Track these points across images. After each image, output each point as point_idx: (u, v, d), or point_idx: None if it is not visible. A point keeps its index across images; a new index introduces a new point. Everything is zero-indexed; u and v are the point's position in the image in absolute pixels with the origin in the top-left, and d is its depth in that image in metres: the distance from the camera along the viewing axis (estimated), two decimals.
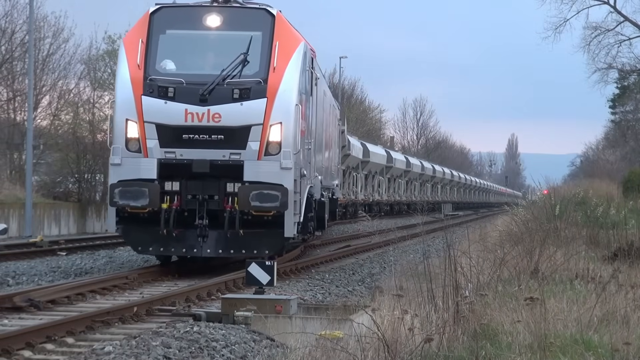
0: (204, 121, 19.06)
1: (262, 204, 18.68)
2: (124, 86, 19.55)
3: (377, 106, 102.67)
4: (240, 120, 19.09)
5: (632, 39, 56.19)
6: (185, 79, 19.28)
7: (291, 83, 19.46)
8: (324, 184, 25.71)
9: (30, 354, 10.83)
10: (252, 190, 18.71)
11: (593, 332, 9.84)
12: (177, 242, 19.31)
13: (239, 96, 19.15)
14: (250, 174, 19.03)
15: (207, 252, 19.28)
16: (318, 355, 9.44)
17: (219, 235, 19.18)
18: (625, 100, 75.01)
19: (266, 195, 18.67)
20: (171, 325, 12.47)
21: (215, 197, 19.16)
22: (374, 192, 62.90)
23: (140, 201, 18.81)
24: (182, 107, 19.10)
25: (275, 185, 18.88)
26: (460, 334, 9.62)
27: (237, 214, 18.87)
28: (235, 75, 19.28)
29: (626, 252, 17.81)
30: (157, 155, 19.19)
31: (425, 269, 11.94)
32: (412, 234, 27.78)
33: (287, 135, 19.23)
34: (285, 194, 18.77)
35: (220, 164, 19.10)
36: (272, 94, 19.23)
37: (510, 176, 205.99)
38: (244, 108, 19.10)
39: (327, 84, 33.60)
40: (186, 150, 19.16)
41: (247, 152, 19.11)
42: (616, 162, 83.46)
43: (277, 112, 19.16)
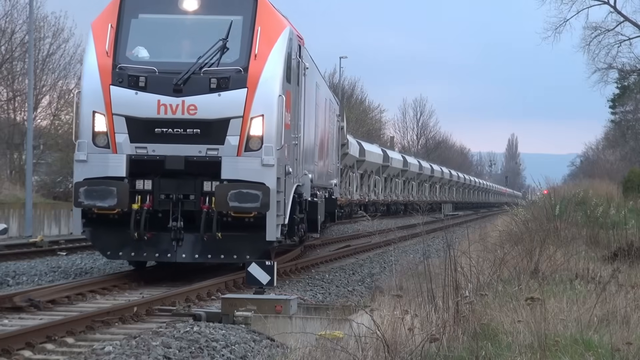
0: (178, 113, 17.50)
1: (242, 204, 17.11)
2: (90, 75, 17.95)
3: (377, 106, 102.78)
4: (217, 112, 17.51)
5: (632, 39, 56.21)
6: (158, 68, 17.71)
7: (274, 71, 17.85)
8: (317, 182, 24.48)
9: (30, 354, 10.83)
10: (231, 190, 17.16)
11: (593, 332, 9.84)
12: (150, 246, 17.72)
13: (217, 86, 17.58)
14: (229, 172, 17.44)
15: (182, 257, 17.71)
16: (318, 355, 9.44)
17: (196, 239, 17.60)
18: (625, 100, 75.02)
19: (246, 194, 17.11)
20: (171, 325, 12.47)
21: (191, 196, 17.63)
22: (370, 192, 61.57)
23: (108, 201, 17.28)
24: (155, 98, 17.52)
25: (256, 183, 17.28)
26: (460, 334, 9.62)
27: (215, 215, 17.34)
28: (213, 63, 17.75)
29: (626, 252, 17.83)
30: (126, 150, 17.65)
31: (425, 269, 11.95)
32: (412, 234, 27.80)
33: (270, 128, 17.61)
34: (267, 194, 17.20)
35: (196, 161, 17.56)
36: (253, 84, 17.62)
37: (510, 176, 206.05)
38: (222, 99, 17.53)
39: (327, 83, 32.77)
40: (159, 146, 17.60)
41: (226, 147, 17.54)
42: (616, 162, 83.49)
43: (258, 103, 17.56)
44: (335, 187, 30.77)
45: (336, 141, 33.53)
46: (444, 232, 17.97)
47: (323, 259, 24.75)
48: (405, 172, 72.63)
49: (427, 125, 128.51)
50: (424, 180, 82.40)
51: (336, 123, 33.19)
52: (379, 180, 64.18)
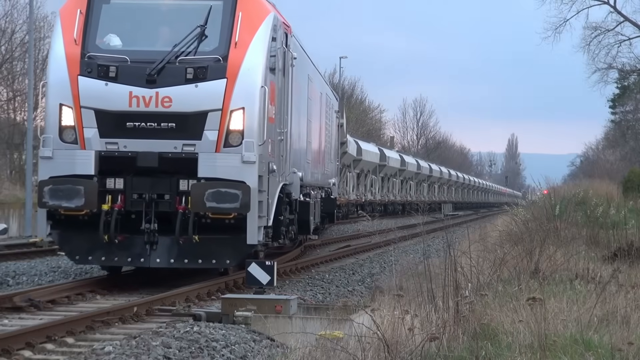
0: (151, 106, 16.22)
1: (220, 204, 15.84)
2: (57, 65, 16.72)
3: (377, 106, 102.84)
4: (194, 104, 16.23)
5: (632, 39, 56.24)
6: (130, 57, 16.44)
7: (256, 61, 16.52)
8: (310, 181, 23.30)
9: (30, 354, 10.83)
10: (208, 189, 15.88)
11: (593, 332, 9.84)
12: (122, 250, 16.47)
13: (194, 76, 16.28)
14: (206, 169, 16.15)
15: (156, 262, 16.43)
16: (318, 355, 9.44)
17: (171, 242, 16.38)
18: (625, 100, 75.07)
19: (224, 194, 15.84)
20: (171, 325, 12.47)
21: (165, 196, 16.38)
22: (366, 192, 60.26)
23: (75, 201, 16.02)
24: (126, 89, 16.26)
25: (236, 182, 16.01)
26: (460, 334, 9.62)
27: (191, 216, 16.10)
28: (190, 51, 16.47)
29: (626, 252, 17.83)
30: (96, 146, 16.36)
31: (425, 268, 11.96)
32: (412, 234, 27.81)
33: (251, 122, 16.31)
34: (248, 193, 15.93)
35: (172, 157, 16.29)
36: (233, 74, 16.32)
37: (510, 176, 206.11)
38: (199, 90, 16.26)
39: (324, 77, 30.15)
40: (131, 141, 16.35)
41: (203, 143, 16.26)
42: (616, 162, 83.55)
43: (239, 95, 16.27)
44: (333, 186, 29.86)
45: (335, 139, 32.33)
46: (444, 232, 17.99)
47: (323, 259, 24.75)
48: (403, 171, 71.30)
49: (427, 125, 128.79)
50: (422, 180, 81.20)
51: (335, 120, 31.98)
52: (375, 179, 62.84)
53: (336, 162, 33.08)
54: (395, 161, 68.29)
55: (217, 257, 16.51)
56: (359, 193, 57.82)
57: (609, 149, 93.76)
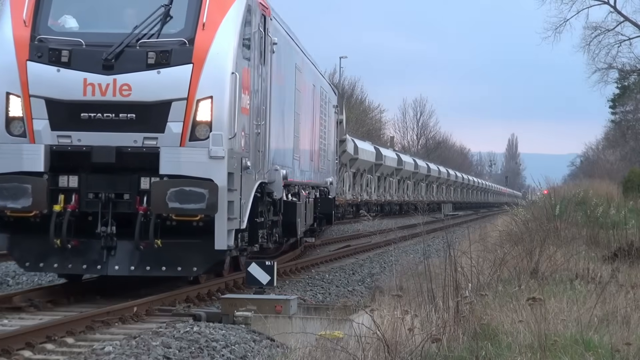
0: (108, 95, 14.61)
1: (183, 205, 14.21)
2: (3, 49, 14.92)
3: (377, 106, 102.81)
4: (156, 93, 14.64)
5: (632, 39, 56.32)
6: (85, 40, 14.80)
7: (226, 44, 14.85)
8: (299, 180, 21.87)
9: (30, 354, 10.83)
10: (170, 188, 14.26)
11: (593, 332, 9.85)
12: (76, 256, 14.77)
13: (156, 61, 14.67)
14: (169, 165, 14.50)
15: (114, 269, 14.73)
16: (318, 355, 9.44)
17: (132, 248, 14.71)
18: (626, 100, 75.12)
19: (188, 193, 14.22)
20: (171, 325, 12.46)
21: (125, 196, 14.78)
22: (362, 192, 58.77)
23: (21, 202, 14.38)
24: (80, 76, 14.63)
25: (202, 180, 14.41)
26: (460, 334, 9.63)
27: (153, 218, 14.46)
28: (153, 34, 14.87)
29: (626, 252, 17.84)
30: (46, 140, 14.69)
31: (425, 269, 11.96)
32: (412, 234, 27.81)
33: (220, 113, 14.65)
34: (215, 192, 14.29)
35: (131, 152, 14.66)
36: (200, 59, 14.69)
37: (510, 176, 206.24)
38: (162, 77, 14.64)
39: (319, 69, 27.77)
40: (85, 134, 14.69)
41: (167, 136, 14.64)
42: (616, 162, 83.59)
43: (206, 82, 14.64)
44: (331, 185, 28.45)
45: (333, 135, 30.67)
46: (444, 232, 17.98)
47: (323, 259, 24.75)
48: (400, 170, 69.69)
49: (427, 125, 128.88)
50: (421, 180, 79.94)
51: (333, 115, 30.31)
52: (371, 179, 61.35)
53: (335, 160, 31.46)
54: (392, 160, 66.92)
55: (183, 264, 14.82)
56: (355, 193, 56.55)
57: (609, 149, 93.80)
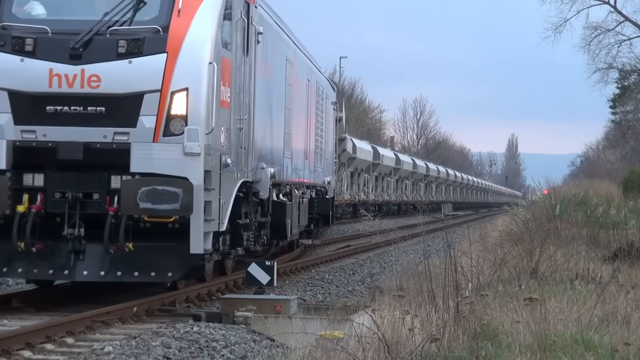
0: (76, 86, 13.58)
1: (155, 205, 13.16)
2: None
3: (377, 106, 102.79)
4: (128, 84, 13.60)
5: (632, 39, 56.35)
6: (52, 27, 13.78)
7: (204, 32, 13.82)
8: (291, 179, 20.68)
9: (30, 354, 10.82)
10: (142, 187, 13.21)
11: (593, 332, 9.85)
12: (43, 260, 13.64)
13: (127, 50, 13.63)
14: (140, 163, 13.45)
15: (82, 274, 13.58)
16: (318, 356, 9.44)
17: (102, 251, 13.58)
18: (626, 100, 75.14)
19: (161, 193, 13.17)
20: (171, 325, 12.46)
21: (94, 195, 13.72)
22: (360, 192, 57.76)
23: None
24: (46, 66, 13.62)
25: (176, 178, 13.33)
26: (460, 334, 9.62)
27: (123, 220, 13.39)
28: (125, 21, 13.87)
29: (626, 252, 17.85)
30: (9, 135, 13.69)
31: (426, 269, 11.96)
32: (412, 234, 27.79)
33: (196, 106, 13.57)
34: (190, 192, 13.21)
35: (100, 148, 13.59)
36: (174, 47, 13.63)
37: (510, 176, 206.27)
38: (134, 67, 13.61)
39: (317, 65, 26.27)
40: (51, 129, 13.67)
41: (139, 131, 13.56)
42: (616, 162, 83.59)
43: (181, 73, 13.60)
44: (329, 185, 27.33)
45: (332, 133, 29.37)
46: (444, 232, 17.98)
47: (323, 259, 24.75)
48: (398, 170, 68.59)
49: (427, 125, 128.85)
50: (419, 180, 79.04)
51: (332, 112, 28.99)
52: (369, 179, 60.25)
53: (333, 159, 30.14)
54: (390, 160, 65.91)
55: (157, 269, 13.66)
56: (352, 193, 55.73)
57: (609, 149, 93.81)
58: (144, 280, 13.89)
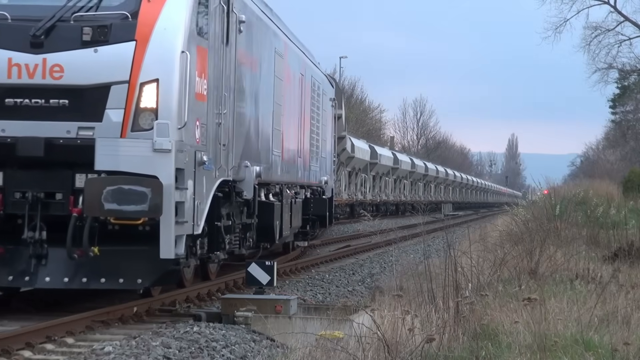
0: (37, 77, 12.56)
1: (121, 206, 12.09)
2: None
3: (377, 106, 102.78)
4: (93, 75, 12.56)
5: (632, 39, 56.39)
6: (11, 13, 12.72)
7: (176, 19, 12.75)
8: (281, 178, 19.58)
9: (30, 354, 10.82)
10: (107, 186, 12.10)
11: (593, 332, 9.85)
12: (1, 266, 12.64)
13: (92, 38, 12.57)
14: (105, 160, 12.36)
15: (44, 281, 12.57)
16: (318, 356, 9.44)
17: (66, 256, 12.50)
18: (626, 100, 75.16)
19: (127, 192, 12.09)
20: (171, 325, 12.46)
21: (57, 195, 12.68)
22: (357, 192, 56.84)
23: None
24: (4, 55, 12.59)
25: (144, 177, 12.25)
26: (460, 334, 9.63)
27: (87, 222, 12.33)
28: (91, 6, 12.79)
29: (626, 252, 17.86)
30: None
31: (426, 269, 11.97)
32: (412, 234, 27.79)
33: (167, 99, 12.52)
34: (159, 191, 12.10)
35: (63, 144, 12.53)
36: (144, 35, 12.58)
37: (511, 176, 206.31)
38: (99, 57, 12.56)
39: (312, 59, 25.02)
40: (10, 123, 12.58)
41: (105, 125, 12.52)
42: (616, 162, 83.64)
43: (151, 62, 12.55)
44: (326, 185, 26.13)
45: (330, 130, 28.11)
46: (444, 232, 17.98)
47: (323, 259, 24.75)
48: (396, 170, 67.52)
49: (427, 125, 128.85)
50: (418, 179, 78.25)
51: (330, 109, 27.81)
52: (366, 178, 59.17)
53: (332, 158, 28.97)
54: (388, 159, 64.89)
55: (126, 275, 12.61)
56: (350, 193, 54.78)
57: (609, 149, 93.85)
58: (112, 288, 12.85)
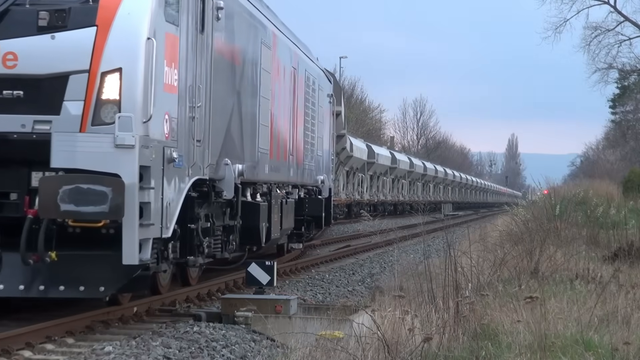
0: None
1: (79, 207, 11.03)
2: None
3: (377, 106, 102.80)
4: (50, 64, 11.52)
5: (632, 39, 56.43)
6: None
7: (141, 2, 11.72)
8: (270, 177, 18.52)
9: (30, 354, 10.82)
10: (63, 185, 11.03)
11: (593, 332, 9.85)
12: None
13: (49, 23, 11.53)
14: (62, 157, 11.27)
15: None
16: (318, 356, 9.44)
17: (21, 262, 11.35)
18: (626, 100, 75.18)
19: (86, 192, 11.02)
20: (171, 325, 12.47)
21: (11, 195, 11.67)
22: (354, 191, 56.27)
23: None
24: None
25: (105, 175, 11.17)
26: (460, 334, 9.63)
27: (43, 224, 11.28)
28: None
29: (626, 252, 17.86)
30: None
31: (426, 268, 11.97)
32: (412, 234, 27.80)
33: (131, 89, 11.44)
34: (121, 191, 11.06)
35: (18, 140, 11.49)
36: (106, 20, 11.50)
37: (510, 176, 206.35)
38: (57, 44, 11.49)
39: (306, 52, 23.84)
40: None
41: (63, 119, 11.44)
42: (616, 162, 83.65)
43: (114, 50, 11.47)
44: (322, 184, 24.97)
45: (328, 127, 26.99)
46: (444, 232, 17.98)
47: (323, 259, 24.76)
48: (394, 169, 66.91)
49: (427, 125, 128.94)
50: (416, 179, 77.76)
51: (328, 105, 26.63)
52: (364, 178, 58.70)
53: (330, 156, 27.65)
54: (385, 158, 64.13)
55: (87, 283, 11.51)
56: (348, 192, 54.21)
57: (609, 149, 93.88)
58: (72, 296, 11.76)
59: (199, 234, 13.82)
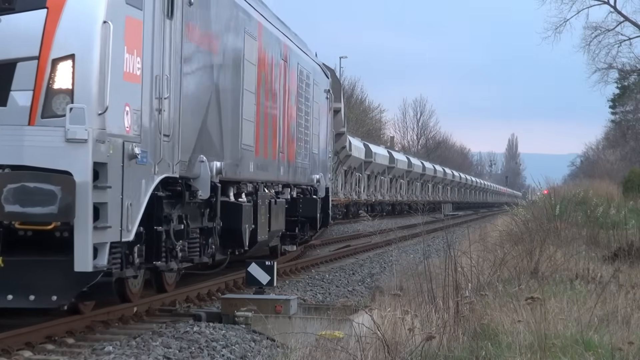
0: None
1: (25, 208, 10.09)
2: None
3: (377, 106, 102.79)
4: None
5: (632, 39, 56.43)
6: None
7: None
8: (257, 176, 17.56)
9: (30, 354, 10.82)
10: (8, 184, 10.09)
11: (593, 332, 9.85)
12: None
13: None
14: (8, 152, 10.35)
15: None
16: (318, 356, 9.45)
17: None
18: (626, 100, 75.18)
19: (32, 192, 10.08)
20: (171, 325, 12.47)
21: None
22: (352, 191, 55.87)
23: None
24: None
25: (54, 173, 10.20)
26: (460, 334, 9.63)
27: None
28: None
29: (626, 252, 17.87)
30: None
31: (426, 268, 11.98)
32: (411, 234, 27.80)
33: (85, 78, 10.39)
34: (71, 190, 10.08)
35: None
36: (58, 2, 10.50)
37: (510, 176, 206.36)
38: (3, 27, 10.49)
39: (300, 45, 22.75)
40: None
41: (10, 110, 10.43)
42: (616, 162, 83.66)
43: (66, 35, 10.43)
44: (318, 184, 23.88)
45: (325, 125, 25.80)
46: (444, 232, 17.99)
47: (323, 259, 24.75)
48: (392, 169, 66.40)
49: (427, 125, 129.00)
50: (415, 179, 77.37)
51: (325, 102, 25.62)
52: (361, 178, 58.19)
53: (327, 155, 26.51)
54: (383, 158, 63.55)
55: (37, 292, 10.55)
56: (346, 192, 53.59)
57: (609, 149, 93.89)
58: (21, 306, 10.82)
59: (171, 236, 12.83)
